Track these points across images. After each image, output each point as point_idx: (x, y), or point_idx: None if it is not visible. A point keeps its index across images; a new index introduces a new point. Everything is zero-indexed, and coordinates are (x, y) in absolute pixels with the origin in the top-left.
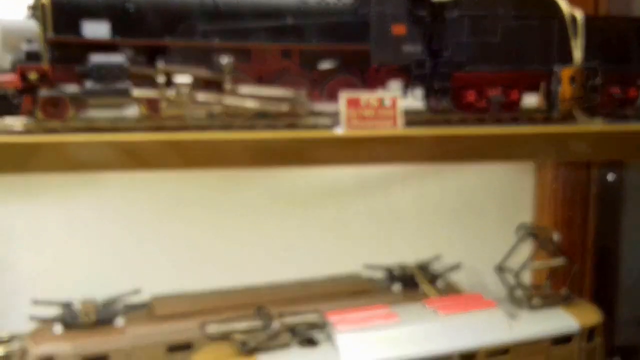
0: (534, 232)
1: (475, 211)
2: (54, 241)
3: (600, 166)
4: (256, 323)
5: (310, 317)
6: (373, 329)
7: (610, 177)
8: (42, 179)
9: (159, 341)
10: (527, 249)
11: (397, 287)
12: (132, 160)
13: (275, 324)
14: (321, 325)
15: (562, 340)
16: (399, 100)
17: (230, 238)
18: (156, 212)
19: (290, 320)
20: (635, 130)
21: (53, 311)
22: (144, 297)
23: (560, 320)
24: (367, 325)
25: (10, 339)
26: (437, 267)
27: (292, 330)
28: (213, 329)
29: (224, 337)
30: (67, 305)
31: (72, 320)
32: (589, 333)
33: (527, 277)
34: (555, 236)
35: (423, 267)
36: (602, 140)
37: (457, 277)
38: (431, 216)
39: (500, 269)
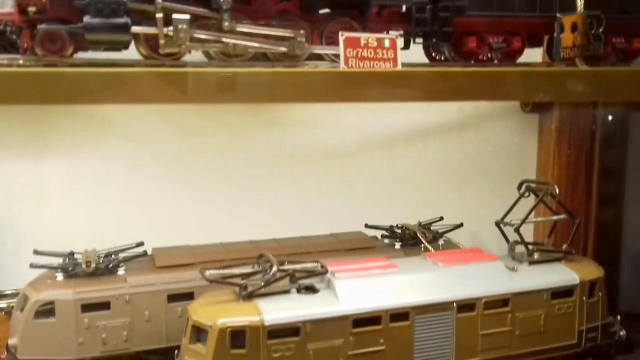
0: (535, 188)
1: (478, 172)
2: (57, 197)
3: (604, 125)
4: (256, 270)
5: (310, 265)
6: (372, 276)
7: (614, 129)
8: (45, 135)
9: (159, 290)
10: (529, 205)
11: (398, 245)
12: (130, 93)
13: (275, 271)
14: (321, 273)
15: (563, 294)
16: (398, 41)
17: (232, 196)
18: (159, 169)
19: (290, 267)
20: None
21: (54, 261)
22: (146, 250)
23: (560, 274)
24: (367, 274)
25: (13, 295)
26: (439, 228)
27: (292, 277)
28: (213, 273)
29: (224, 281)
30: (68, 255)
31: (73, 269)
32: (589, 288)
33: (528, 235)
34: (557, 189)
35: (425, 227)
36: (598, 78)
37: (458, 238)
38: (433, 177)
39: (502, 224)
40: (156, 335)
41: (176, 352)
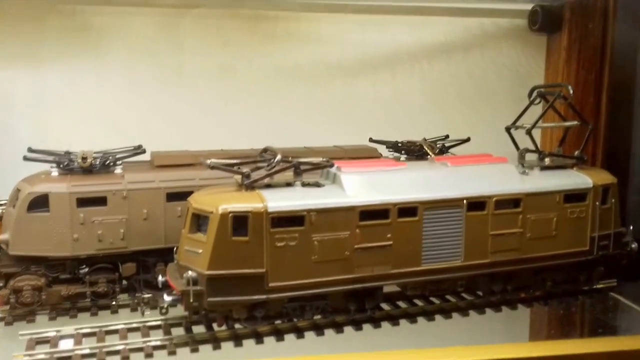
0: (547, 92)
1: (483, 94)
2: (54, 106)
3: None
4: (260, 159)
5: (315, 160)
6: (380, 171)
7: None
8: (43, 45)
9: (157, 187)
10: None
11: (404, 158)
12: None
13: (279, 159)
14: (326, 166)
15: (576, 198)
16: None
17: (234, 110)
18: (159, 82)
19: (295, 160)
20: None
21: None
22: (145, 149)
23: (573, 178)
24: (374, 169)
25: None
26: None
27: (297, 169)
28: (215, 161)
29: (226, 168)
30: (64, 154)
31: (68, 164)
32: (602, 194)
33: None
34: (570, 90)
35: (431, 143)
36: None
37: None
38: (438, 98)
39: (512, 128)
40: (154, 235)
41: (175, 248)
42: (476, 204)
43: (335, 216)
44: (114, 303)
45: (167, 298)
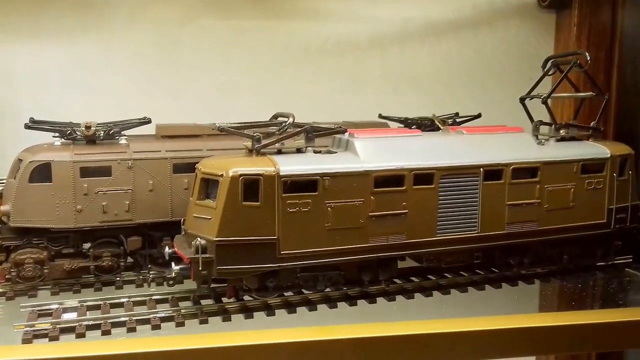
0: (561, 61)
1: (492, 73)
2: (57, 83)
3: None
4: (271, 122)
5: (327, 125)
6: (394, 138)
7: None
8: (46, 21)
9: (164, 157)
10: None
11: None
12: None
13: (291, 122)
14: (338, 131)
15: (593, 168)
16: None
17: (244, 84)
18: (163, 57)
19: (307, 125)
20: None
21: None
22: (150, 119)
23: (589, 148)
24: (388, 136)
25: None
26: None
27: (308, 134)
28: (224, 124)
29: (236, 131)
30: (67, 124)
31: (71, 133)
32: (620, 165)
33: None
34: (587, 56)
35: (442, 119)
36: None
37: None
38: (447, 76)
39: (527, 99)
40: (160, 208)
41: (182, 220)
42: (493, 172)
43: (349, 182)
44: (117, 279)
45: (175, 267)
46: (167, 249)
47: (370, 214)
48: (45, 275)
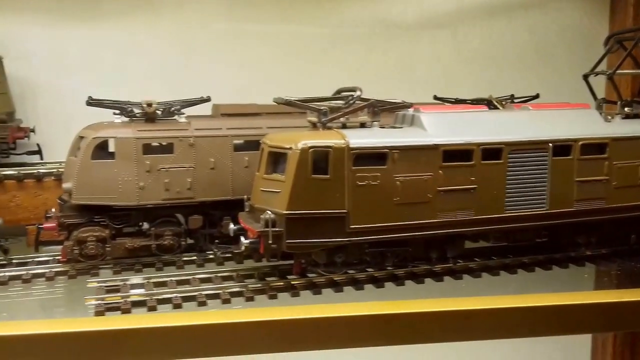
0: (626, 38)
1: (544, 55)
2: (109, 65)
3: None
4: (338, 96)
5: (394, 100)
6: (461, 112)
7: None
8: (97, 3)
9: (225, 135)
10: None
11: None
12: None
13: (358, 95)
14: (404, 106)
15: None
16: None
17: (291, 67)
18: (214, 37)
19: (370, 101)
20: None
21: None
22: (210, 97)
23: None
24: (454, 110)
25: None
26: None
27: (374, 108)
28: (290, 97)
29: (303, 104)
30: (127, 102)
31: (132, 110)
32: None
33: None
34: None
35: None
36: None
37: None
38: (499, 59)
39: (592, 75)
40: (221, 186)
41: (245, 197)
42: (562, 148)
43: (418, 156)
44: (175, 259)
45: (245, 241)
46: (232, 225)
47: (438, 188)
48: (106, 254)
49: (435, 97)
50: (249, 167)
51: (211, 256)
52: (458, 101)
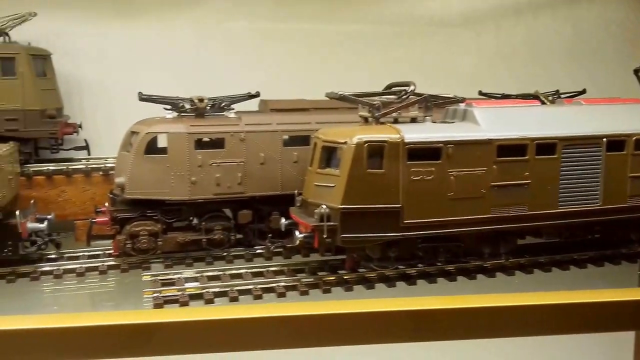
0: None
1: (589, 50)
2: (150, 63)
3: None
4: (390, 91)
5: (447, 95)
6: (514, 107)
7: None
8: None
9: (274, 130)
10: None
11: None
12: None
13: (412, 89)
14: (456, 100)
15: None
16: None
17: (334, 62)
18: (256, 33)
19: (424, 96)
20: None
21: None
22: (259, 92)
23: None
24: (507, 105)
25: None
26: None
27: (427, 102)
28: (343, 91)
29: (356, 99)
30: (178, 98)
31: (183, 106)
32: None
33: None
34: None
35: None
36: None
37: None
38: (543, 54)
39: None
40: (271, 181)
41: (296, 192)
42: (615, 143)
43: (472, 151)
44: (224, 254)
45: (299, 235)
46: (283, 220)
47: (492, 183)
48: (158, 248)
49: (480, 93)
50: (297, 162)
51: (259, 251)
52: (504, 96)
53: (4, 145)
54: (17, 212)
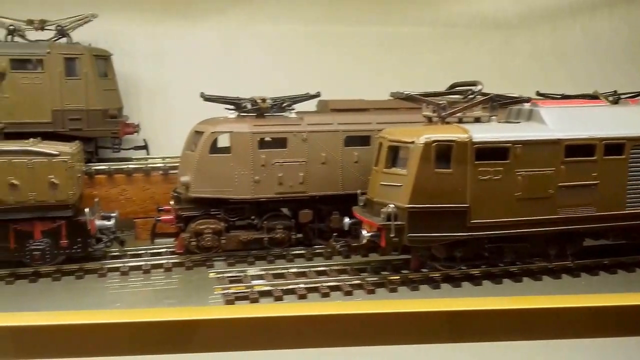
0: None
1: None
2: (207, 63)
3: None
4: (456, 90)
5: (512, 95)
6: (581, 107)
7: None
8: (197, 2)
9: (336, 130)
10: None
11: None
12: None
13: (480, 89)
14: (522, 100)
15: None
16: None
17: (388, 61)
18: (310, 34)
19: (490, 96)
20: None
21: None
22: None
23: None
24: (573, 105)
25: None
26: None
27: (493, 101)
28: (408, 91)
29: (422, 98)
30: (239, 98)
31: (245, 106)
32: None
33: None
34: None
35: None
36: None
37: None
38: (600, 53)
39: None
40: (331, 181)
41: (358, 192)
42: None
43: (539, 150)
44: (284, 253)
45: (366, 234)
46: (346, 219)
47: (559, 184)
48: (221, 246)
49: (538, 93)
50: (358, 162)
51: (319, 250)
52: (564, 97)
53: (72, 144)
54: (87, 210)
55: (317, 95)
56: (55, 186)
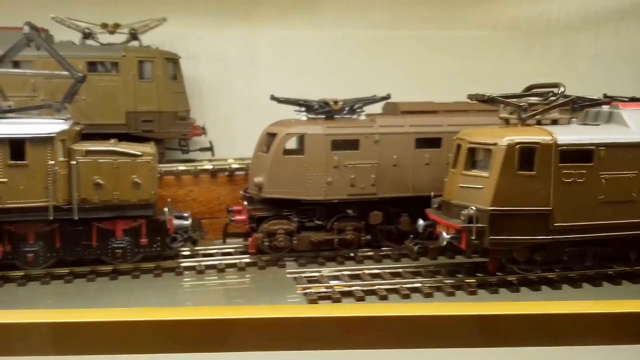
0: None
1: None
2: (268, 65)
3: None
4: (538, 92)
5: (593, 97)
6: None
7: None
8: (258, 4)
9: (407, 132)
10: None
11: None
12: None
13: (562, 91)
14: (603, 102)
15: None
16: None
17: (453, 67)
18: (369, 36)
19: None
20: None
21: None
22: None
23: None
24: None
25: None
26: None
27: (574, 104)
28: (487, 93)
29: (503, 100)
30: (309, 100)
31: (317, 108)
32: None
33: None
34: None
35: None
36: None
37: None
38: None
39: None
40: (402, 183)
41: (432, 194)
42: None
43: (623, 153)
44: (351, 255)
45: (446, 236)
46: (420, 221)
47: None
48: (293, 247)
49: (605, 96)
50: (429, 164)
51: (387, 252)
52: (633, 100)
53: (148, 145)
54: (166, 209)
55: (387, 97)
56: (137, 186)
